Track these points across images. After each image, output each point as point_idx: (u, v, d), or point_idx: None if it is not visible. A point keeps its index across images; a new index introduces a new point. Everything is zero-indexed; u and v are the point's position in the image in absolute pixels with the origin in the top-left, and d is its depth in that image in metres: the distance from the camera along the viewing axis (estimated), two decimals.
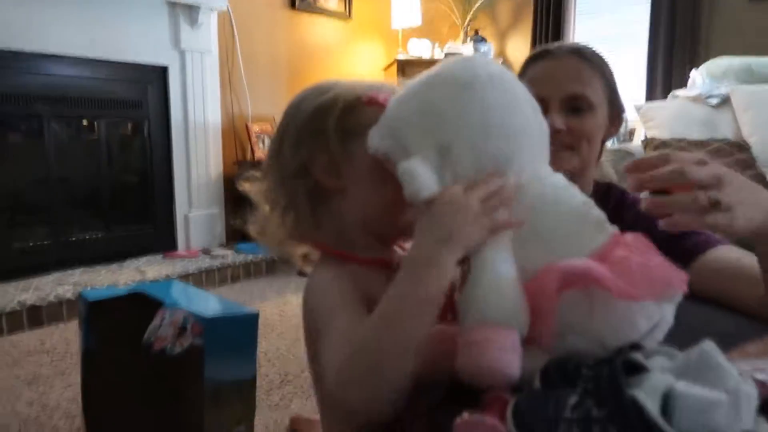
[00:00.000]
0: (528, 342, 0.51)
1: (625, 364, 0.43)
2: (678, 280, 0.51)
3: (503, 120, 0.56)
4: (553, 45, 1.03)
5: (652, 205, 0.55)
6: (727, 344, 0.60)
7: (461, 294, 0.54)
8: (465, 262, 0.54)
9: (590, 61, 0.99)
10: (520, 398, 0.46)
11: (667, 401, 0.39)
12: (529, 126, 0.59)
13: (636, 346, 0.47)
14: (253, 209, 0.74)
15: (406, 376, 0.51)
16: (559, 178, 0.60)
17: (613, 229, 0.55)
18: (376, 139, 0.61)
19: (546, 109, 0.97)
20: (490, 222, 0.54)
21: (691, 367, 0.42)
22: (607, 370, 0.43)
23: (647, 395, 0.39)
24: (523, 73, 1.04)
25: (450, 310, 0.57)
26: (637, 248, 0.53)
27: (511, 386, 0.50)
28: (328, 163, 0.66)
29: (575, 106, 0.96)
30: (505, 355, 0.49)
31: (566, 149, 0.96)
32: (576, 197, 0.58)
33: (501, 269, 0.53)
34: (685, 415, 0.38)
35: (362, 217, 0.67)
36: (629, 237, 0.55)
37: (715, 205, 0.55)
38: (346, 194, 0.67)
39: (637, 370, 0.43)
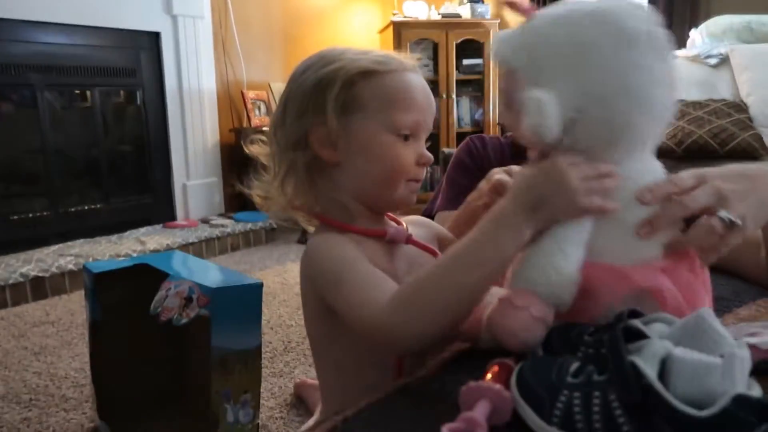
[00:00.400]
0: (560, 317, 0.53)
1: (624, 331, 0.44)
2: None
3: (647, 86, 0.53)
4: None
5: (674, 250, 0.55)
6: (722, 308, 0.62)
7: (525, 252, 0.55)
8: None
9: None
10: (524, 365, 0.48)
11: (665, 366, 0.40)
12: (665, 104, 0.55)
13: (636, 314, 0.48)
14: (254, 175, 0.76)
15: (458, 318, 0.56)
16: (659, 167, 0.58)
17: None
18: (508, 49, 0.57)
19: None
20: (585, 204, 0.53)
21: (688, 332, 0.44)
22: (608, 336, 0.44)
23: (646, 361, 0.40)
24: None
25: None
26: (695, 269, 0.56)
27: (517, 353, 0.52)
28: (326, 136, 0.68)
29: None
30: (536, 326, 0.51)
31: None
32: None
33: (569, 249, 0.53)
34: (681, 380, 0.39)
35: (357, 190, 0.69)
36: (691, 252, 0.56)
37: (731, 226, 0.54)
38: (342, 167, 0.69)
39: (636, 336, 0.44)
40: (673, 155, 2.36)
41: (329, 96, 0.66)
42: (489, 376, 0.49)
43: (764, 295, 0.71)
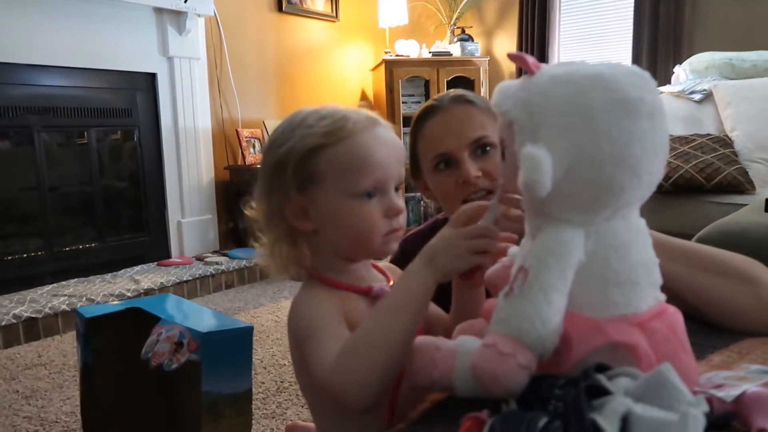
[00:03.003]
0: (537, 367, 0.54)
1: (589, 388, 0.46)
2: (696, 375, 0.56)
3: (641, 156, 0.53)
4: (437, 98, 1.05)
5: None
6: (696, 355, 0.63)
7: (507, 298, 0.56)
8: (521, 269, 0.56)
9: (474, 103, 1.01)
10: (496, 420, 0.49)
11: (626, 423, 0.42)
12: (655, 172, 0.55)
13: (602, 368, 0.50)
14: (245, 216, 0.79)
15: (392, 368, 0.60)
16: (642, 225, 0.59)
17: (662, 297, 0.58)
18: (508, 102, 0.57)
19: (456, 163, 0.98)
20: (466, 263, 0.63)
21: (650, 388, 0.46)
22: (572, 394, 0.46)
23: (607, 418, 0.42)
24: (418, 132, 1.04)
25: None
26: (674, 327, 0.56)
27: (493, 403, 0.54)
28: (295, 209, 0.71)
29: (480, 147, 0.98)
30: (521, 374, 0.52)
31: (488, 192, 0.97)
32: (649, 251, 0.58)
33: (555, 298, 0.54)
34: None
35: (336, 251, 0.73)
36: (671, 309, 0.57)
37: None
38: (319, 233, 0.72)
39: (601, 392, 0.46)
40: (661, 190, 2.39)
41: (287, 176, 0.70)
42: (463, 430, 0.50)
43: (737, 339, 0.72)
